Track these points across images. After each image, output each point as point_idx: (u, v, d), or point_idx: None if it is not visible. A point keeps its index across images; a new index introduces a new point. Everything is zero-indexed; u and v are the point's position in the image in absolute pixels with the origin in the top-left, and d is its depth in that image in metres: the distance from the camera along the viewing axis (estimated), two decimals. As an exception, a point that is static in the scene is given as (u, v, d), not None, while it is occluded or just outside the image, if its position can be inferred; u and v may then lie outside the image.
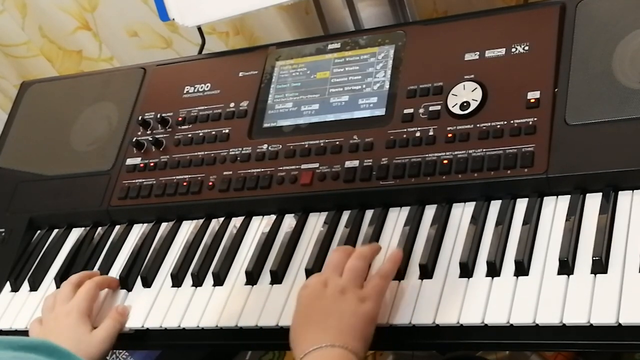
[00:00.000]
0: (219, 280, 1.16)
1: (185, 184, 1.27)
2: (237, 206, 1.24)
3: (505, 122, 1.10)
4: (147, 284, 1.21)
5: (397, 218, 1.13)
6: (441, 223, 1.09)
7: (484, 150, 1.10)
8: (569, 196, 1.04)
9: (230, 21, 1.73)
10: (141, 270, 1.22)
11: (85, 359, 1.09)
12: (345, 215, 1.16)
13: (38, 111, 1.49)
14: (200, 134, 1.30)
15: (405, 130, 1.16)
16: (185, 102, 1.35)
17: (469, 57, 1.18)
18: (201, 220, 1.26)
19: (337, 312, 0.99)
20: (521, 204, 1.07)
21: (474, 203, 1.09)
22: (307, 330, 0.99)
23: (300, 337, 0.99)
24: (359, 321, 0.99)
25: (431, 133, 1.14)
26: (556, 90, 1.10)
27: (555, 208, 1.05)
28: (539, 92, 1.10)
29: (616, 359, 1.53)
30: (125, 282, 1.22)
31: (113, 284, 1.23)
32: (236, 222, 1.23)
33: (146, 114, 1.36)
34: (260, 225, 1.22)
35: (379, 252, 1.08)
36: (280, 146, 1.23)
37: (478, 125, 1.12)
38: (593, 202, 1.03)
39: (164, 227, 1.28)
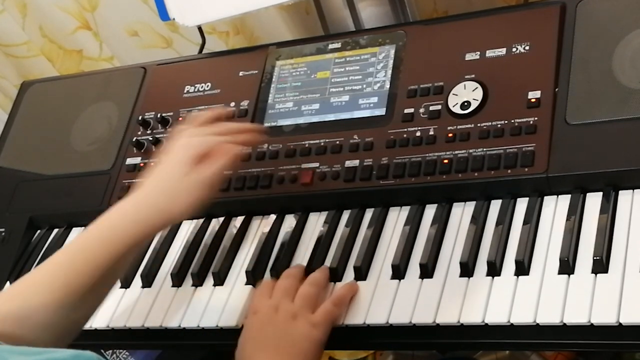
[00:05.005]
0: (219, 280, 1.16)
1: (185, 183, 1.26)
2: (237, 206, 1.24)
3: (506, 122, 1.10)
4: (147, 283, 1.21)
5: (397, 218, 1.13)
6: (441, 223, 1.09)
7: (484, 149, 1.10)
8: (570, 196, 1.04)
9: (231, 21, 1.73)
10: (141, 270, 1.22)
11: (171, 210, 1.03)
12: (346, 215, 1.16)
13: (38, 111, 1.49)
14: (201, 134, 1.30)
15: (406, 129, 1.16)
16: (185, 102, 1.35)
17: (469, 56, 1.18)
18: (201, 220, 1.26)
19: (289, 338, 1.00)
20: (521, 204, 1.07)
21: (474, 203, 1.09)
22: (259, 355, 1.00)
23: None
24: (311, 346, 1.00)
25: (431, 133, 1.14)
26: (556, 90, 1.10)
27: (555, 208, 1.05)
28: (539, 91, 1.10)
29: (616, 359, 1.53)
30: (125, 281, 1.22)
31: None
32: (236, 222, 1.23)
33: (146, 114, 1.36)
34: (260, 225, 1.22)
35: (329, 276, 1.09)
36: (281, 145, 1.23)
37: (478, 125, 1.12)
38: (593, 201, 1.03)
39: (164, 226, 1.28)
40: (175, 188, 1.02)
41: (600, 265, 0.95)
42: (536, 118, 1.09)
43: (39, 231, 1.38)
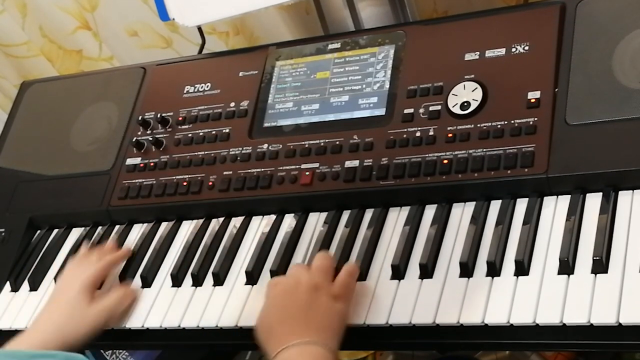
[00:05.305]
0: (219, 280, 1.16)
1: (185, 183, 1.27)
2: (237, 206, 1.24)
3: (506, 122, 1.10)
4: (147, 284, 1.21)
5: (397, 218, 1.13)
6: (441, 223, 1.09)
7: (484, 150, 1.10)
8: (569, 196, 1.04)
9: (231, 21, 1.73)
10: (141, 270, 1.22)
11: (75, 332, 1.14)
12: (345, 215, 1.16)
13: (38, 111, 1.49)
14: (201, 134, 1.30)
15: (406, 130, 1.16)
16: (185, 102, 1.35)
17: (469, 57, 1.18)
18: (201, 220, 1.26)
19: (314, 308, 1.00)
20: (521, 204, 1.07)
21: (474, 203, 1.09)
22: (284, 324, 0.99)
23: (277, 331, 0.99)
24: (334, 319, 1.00)
25: (431, 133, 1.14)
26: (556, 90, 1.10)
27: (555, 208, 1.05)
28: (539, 92, 1.10)
29: (616, 359, 1.53)
30: (125, 281, 1.22)
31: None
32: (236, 222, 1.23)
33: (146, 114, 1.36)
34: (260, 225, 1.22)
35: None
36: (281, 146, 1.23)
37: (478, 125, 1.12)
38: (593, 202, 1.03)
39: (164, 227, 1.28)
40: (81, 318, 1.15)
41: (600, 266, 0.95)
42: (536, 118, 1.09)
43: (39, 231, 1.38)
